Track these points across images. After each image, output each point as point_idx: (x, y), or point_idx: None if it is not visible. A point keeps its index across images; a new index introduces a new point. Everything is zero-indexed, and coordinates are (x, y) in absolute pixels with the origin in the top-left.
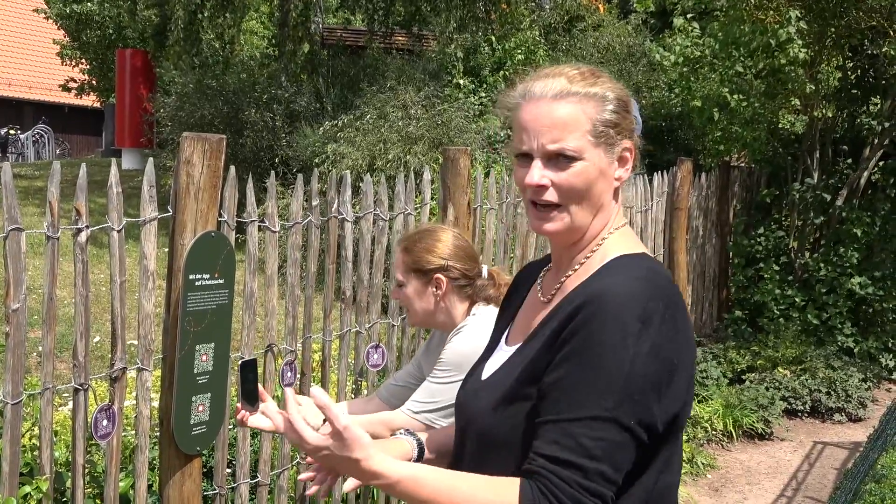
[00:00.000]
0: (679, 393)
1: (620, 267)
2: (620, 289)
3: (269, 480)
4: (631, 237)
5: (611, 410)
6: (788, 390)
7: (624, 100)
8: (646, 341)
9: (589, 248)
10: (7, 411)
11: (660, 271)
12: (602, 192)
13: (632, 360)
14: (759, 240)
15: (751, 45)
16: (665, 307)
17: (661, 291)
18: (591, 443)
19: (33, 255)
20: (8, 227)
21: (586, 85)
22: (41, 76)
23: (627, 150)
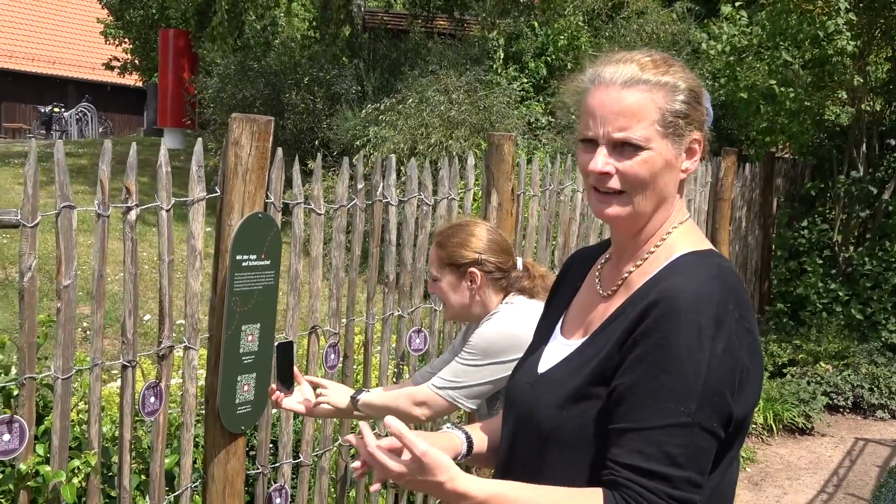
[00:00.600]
0: (750, 393)
1: (690, 265)
2: (693, 289)
3: (310, 461)
4: (697, 232)
5: (693, 415)
6: (830, 385)
7: (696, 90)
8: (720, 342)
9: (653, 241)
10: (57, 386)
11: (730, 269)
12: (667, 183)
13: (709, 362)
14: (802, 232)
15: (798, 35)
16: (736, 307)
17: (732, 291)
18: (676, 450)
19: (80, 232)
20: (60, 205)
21: (658, 73)
22: (85, 55)
23: (696, 141)
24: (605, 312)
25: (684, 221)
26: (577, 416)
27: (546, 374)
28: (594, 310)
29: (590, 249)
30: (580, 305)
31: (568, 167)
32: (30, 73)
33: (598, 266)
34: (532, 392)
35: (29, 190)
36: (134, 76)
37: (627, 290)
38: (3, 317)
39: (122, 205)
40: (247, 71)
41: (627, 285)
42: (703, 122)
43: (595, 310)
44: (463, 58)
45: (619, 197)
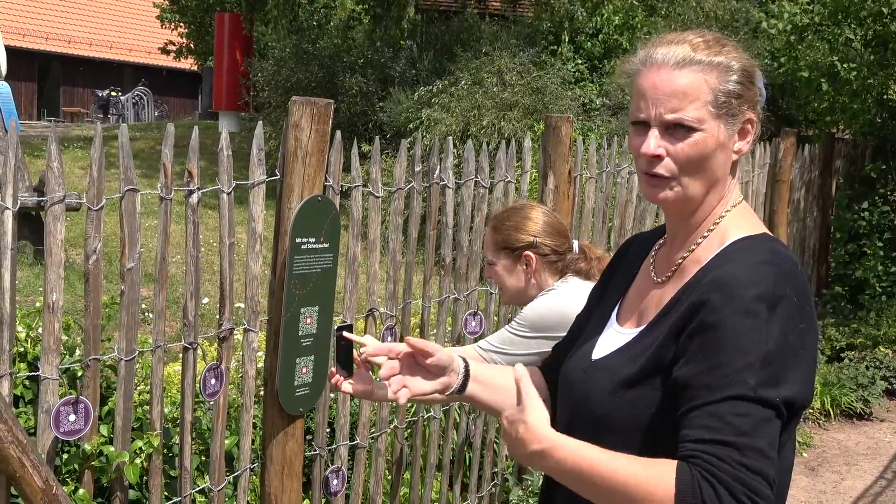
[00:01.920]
0: (805, 377)
1: (743, 251)
2: (745, 276)
3: (367, 443)
4: (750, 216)
5: (754, 389)
6: (890, 370)
7: (749, 70)
8: (775, 324)
9: (705, 225)
10: (121, 368)
11: (784, 253)
12: (719, 165)
13: (766, 342)
14: (862, 214)
15: (861, 12)
16: (793, 291)
17: (786, 276)
18: (740, 419)
19: (140, 215)
20: (124, 188)
21: (710, 53)
22: (141, 39)
23: (749, 122)
24: (659, 301)
25: (738, 204)
26: (629, 404)
27: (600, 361)
28: (648, 297)
29: (646, 235)
30: (636, 292)
31: (624, 149)
32: (87, 57)
33: (653, 251)
34: (586, 378)
35: (94, 174)
36: (189, 60)
37: (681, 277)
38: (66, 299)
39: (185, 188)
40: (301, 54)
41: (681, 272)
42: (756, 101)
43: (649, 297)
44: (516, 39)
45: (669, 180)
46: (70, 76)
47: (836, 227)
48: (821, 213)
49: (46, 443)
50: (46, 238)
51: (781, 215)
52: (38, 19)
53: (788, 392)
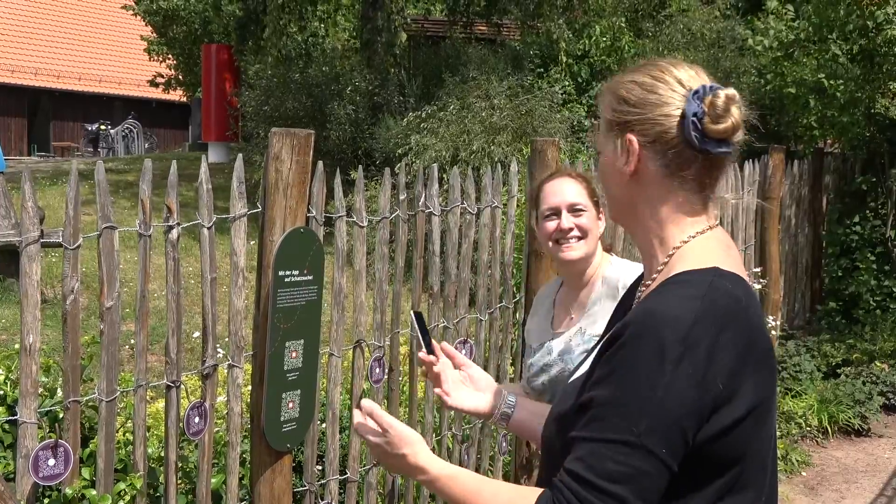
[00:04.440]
0: (730, 421)
1: (678, 284)
2: (666, 309)
3: (358, 477)
4: (708, 246)
5: (640, 437)
6: (887, 385)
7: (623, 95)
8: (686, 367)
9: (660, 259)
10: (102, 408)
11: (723, 288)
12: (616, 187)
13: (666, 386)
14: (853, 229)
15: (846, 27)
16: (719, 330)
17: (715, 312)
18: (615, 467)
19: (124, 248)
20: (101, 226)
21: (615, 77)
22: (130, 72)
23: (628, 143)
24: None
25: (698, 234)
26: (565, 430)
27: (567, 385)
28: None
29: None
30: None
31: None
32: (77, 91)
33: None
34: (556, 402)
35: (70, 212)
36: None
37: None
38: (52, 336)
39: (164, 224)
40: (289, 83)
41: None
42: (635, 122)
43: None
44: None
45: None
46: (60, 111)
47: (827, 243)
48: (812, 229)
49: (26, 489)
50: (22, 279)
51: (773, 232)
52: (27, 55)
53: (710, 435)
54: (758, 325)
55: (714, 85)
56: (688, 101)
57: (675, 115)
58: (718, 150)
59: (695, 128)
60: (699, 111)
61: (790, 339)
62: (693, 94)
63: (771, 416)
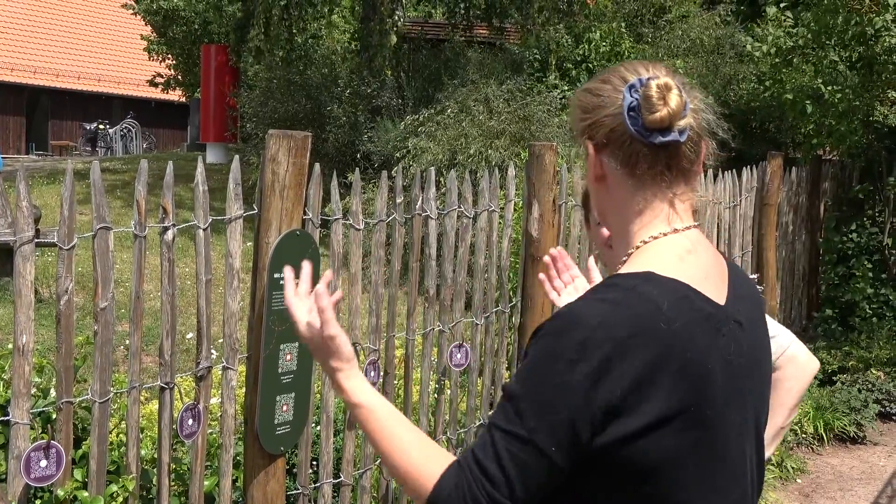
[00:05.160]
0: (636, 428)
1: (605, 287)
2: (578, 310)
3: (351, 480)
4: (660, 250)
5: (531, 432)
6: (882, 392)
7: (578, 104)
8: (582, 368)
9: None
10: (95, 410)
11: (645, 294)
12: (594, 197)
13: (557, 386)
14: (851, 236)
15: (845, 34)
16: (627, 335)
17: (626, 317)
18: (507, 455)
19: (121, 248)
20: (96, 226)
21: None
22: (129, 72)
23: (588, 149)
24: None
25: (660, 236)
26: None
27: None
28: None
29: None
30: None
31: None
32: (75, 91)
33: None
34: None
35: (65, 212)
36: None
37: None
38: (47, 335)
39: (159, 224)
40: (289, 85)
41: None
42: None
43: None
44: (503, 66)
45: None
46: (58, 110)
47: (824, 250)
48: (809, 236)
49: (17, 489)
50: (16, 279)
51: (770, 239)
52: (27, 53)
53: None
54: (680, 334)
55: (651, 76)
56: (623, 96)
57: (616, 114)
58: (663, 139)
59: (633, 121)
60: (634, 103)
61: None
62: (628, 88)
63: (714, 429)
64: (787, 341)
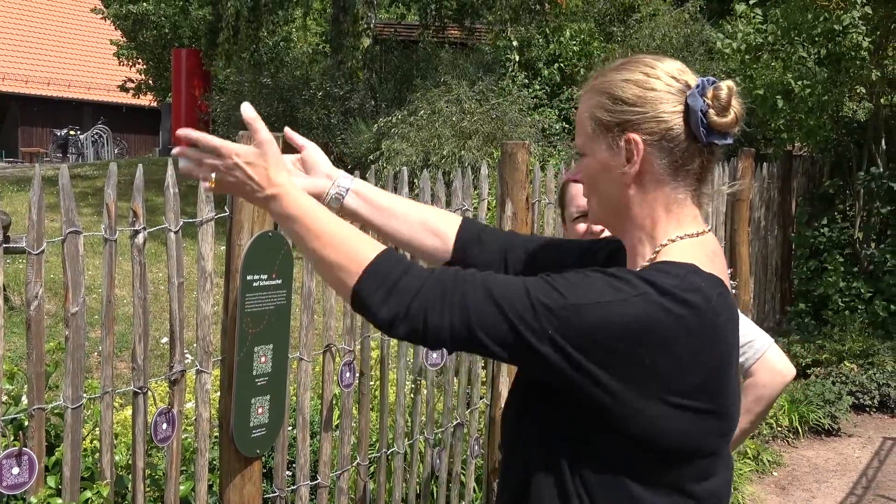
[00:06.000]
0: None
1: (655, 268)
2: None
3: (328, 482)
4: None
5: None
6: (856, 385)
7: (619, 95)
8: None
9: (647, 256)
10: (67, 416)
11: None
12: (608, 187)
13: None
14: (822, 231)
15: (813, 31)
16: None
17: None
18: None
19: (92, 254)
20: (66, 230)
21: (595, 79)
22: (99, 77)
23: (630, 142)
24: None
25: (687, 237)
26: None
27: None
28: None
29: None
30: None
31: None
32: (45, 97)
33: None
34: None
35: (34, 216)
36: (148, 97)
37: None
38: (20, 343)
39: (130, 228)
40: (261, 88)
41: None
42: (635, 122)
43: None
44: (474, 66)
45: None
46: (28, 116)
47: (797, 245)
48: (781, 231)
49: None
50: None
51: (742, 234)
52: None
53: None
54: (723, 328)
55: (711, 78)
56: (692, 96)
57: (678, 111)
58: (723, 141)
59: (701, 122)
60: (704, 106)
61: None
62: (697, 89)
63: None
64: (764, 346)
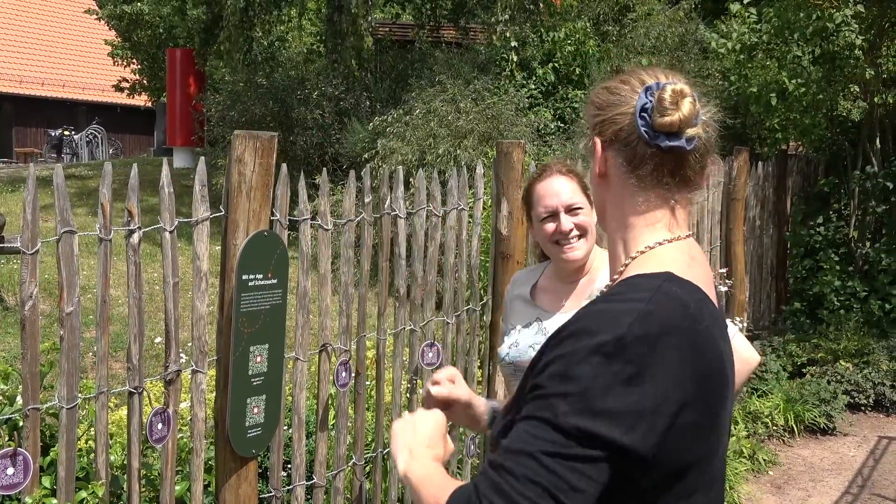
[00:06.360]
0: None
1: (626, 286)
2: (609, 309)
3: (324, 482)
4: (669, 254)
5: (557, 417)
6: (851, 384)
7: (593, 101)
8: (617, 364)
9: (622, 261)
10: (62, 416)
11: (671, 294)
12: (594, 190)
13: (593, 378)
14: (817, 230)
15: (806, 29)
16: (661, 333)
17: (659, 317)
18: (535, 440)
19: (88, 254)
20: (60, 230)
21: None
22: (94, 77)
23: (594, 145)
24: None
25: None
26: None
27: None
28: None
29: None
30: None
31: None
32: (39, 97)
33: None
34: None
35: (28, 216)
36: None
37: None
38: (14, 344)
39: (125, 228)
40: (256, 88)
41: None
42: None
43: None
44: (470, 66)
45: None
46: (22, 116)
47: (792, 244)
48: (777, 230)
49: None
50: None
51: (738, 233)
52: None
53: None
54: (704, 334)
55: (668, 81)
56: (639, 97)
57: (629, 113)
58: (669, 143)
59: (643, 122)
60: (648, 105)
61: (756, 339)
62: (644, 90)
63: (722, 428)
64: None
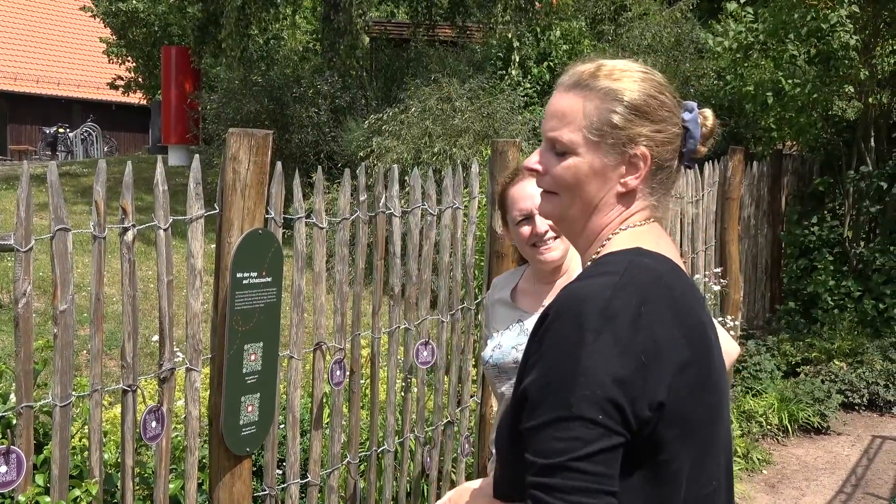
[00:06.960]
0: (654, 397)
1: (598, 265)
2: (582, 287)
3: (319, 480)
4: (637, 235)
5: (571, 408)
6: (845, 383)
7: (639, 106)
8: (608, 336)
9: (592, 249)
10: (56, 414)
11: (644, 265)
12: (596, 192)
13: (590, 355)
14: (812, 229)
15: (801, 29)
16: (640, 302)
17: (635, 287)
18: (563, 444)
19: (82, 252)
20: (54, 227)
21: (602, 79)
22: (89, 74)
23: (639, 157)
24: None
25: (633, 227)
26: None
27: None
28: None
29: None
30: None
31: None
32: (34, 94)
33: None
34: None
35: (22, 213)
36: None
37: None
38: (8, 340)
39: (119, 225)
40: (251, 86)
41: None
42: (650, 137)
43: None
44: (465, 65)
45: (548, 196)
46: (17, 114)
47: (786, 243)
48: (771, 230)
49: None
50: None
51: (732, 232)
52: None
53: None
54: (681, 300)
55: (692, 103)
56: (692, 122)
57: (679, 134)
58: (691, 166)
59: (691, 144)
60: (695, 130)
61: (750, 338)
62: (692, 114)
63: (720, 393)
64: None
